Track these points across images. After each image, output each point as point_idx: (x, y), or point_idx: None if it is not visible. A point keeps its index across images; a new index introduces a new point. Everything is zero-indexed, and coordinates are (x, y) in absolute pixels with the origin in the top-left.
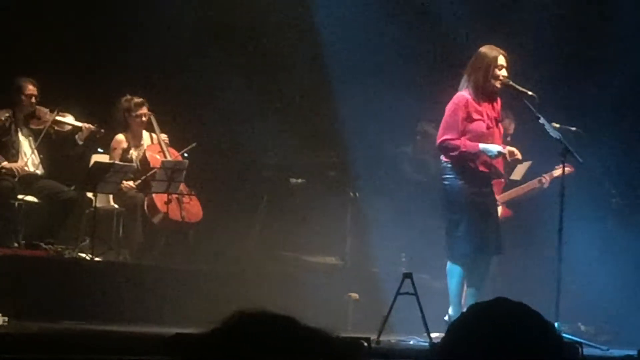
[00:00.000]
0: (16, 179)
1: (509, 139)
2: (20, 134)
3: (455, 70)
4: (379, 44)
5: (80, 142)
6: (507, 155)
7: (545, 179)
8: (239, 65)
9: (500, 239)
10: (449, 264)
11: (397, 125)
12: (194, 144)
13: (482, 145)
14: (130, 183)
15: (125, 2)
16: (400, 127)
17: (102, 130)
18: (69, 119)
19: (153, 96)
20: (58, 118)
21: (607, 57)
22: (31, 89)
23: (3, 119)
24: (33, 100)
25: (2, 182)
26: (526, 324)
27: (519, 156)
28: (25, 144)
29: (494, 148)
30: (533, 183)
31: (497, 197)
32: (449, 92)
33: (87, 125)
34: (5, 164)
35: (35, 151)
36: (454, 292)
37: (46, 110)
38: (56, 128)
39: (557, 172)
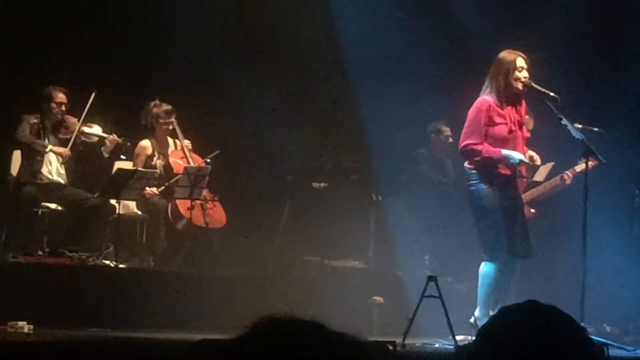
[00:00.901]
0: (61, 163)
1: (528, 135)
2: (47, 142)
3: (476, 72)
4: (400, 47)
5: (106, 155)
6: (528, 159)
7: (568, 175)
8: (261, 71)
9: (528, 242)
10: (483, 265)
11: (419, 128)
12: (217, 152)
13: (504, 152)
14: (154, 189)
15: (151, 10)
16: (422, 129)
17: (129, 144)
18: (96, 129)
19: (177, 102)
20: (85, 129)
21: (631, 57)
22: (61, 97)
23: (31, 122)
24: (63, 108)
25: (25, 190)
26: (559, 327)
27: (538, 162)
28: (52, 153)
29: (517, 156)
30: (555, 180)
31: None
32: (470, 93)
33: (112, 137)
34: (52, 147)
35: (61, 161)
36: (485, 295)
37: (74, 119)
38: (83, 138)
39: (579, 167)
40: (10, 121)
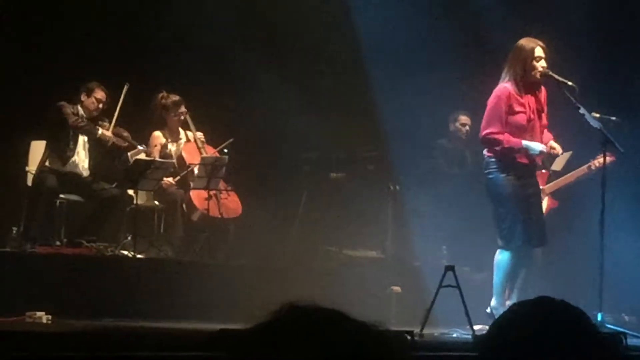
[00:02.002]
0: (110, 143)
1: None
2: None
3: (493, 63)
4: (416, 38)
5: (130, 162)
6: (547, 150)
7: (595, 165)
8: (278, 61)
9: (544, 230)
10: (498, 255)
11: (436, 118)
12: (231, 140)
13: (525, 143)
14: (170, 179)
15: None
16: (439, 119)
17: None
18: (127, 135)
19: (192, 92)
20: (117, 131)
21: None
22: (102, 95)
23: (69, 111)
24: (100, 106)
25: (46, 182)
26: (569, 321)
27: (559, 151)
28: (81, 144)
29: (537, 147)
30: (582, 169)
31: (543, 188)
32: (487, 84)
33: (141, 147)
34: (102, 131)
35: (87, 155)
36: (500, 284)
37: (107, 119)
38: (114, 141)
39: (601, 159)
40: (28, 114)
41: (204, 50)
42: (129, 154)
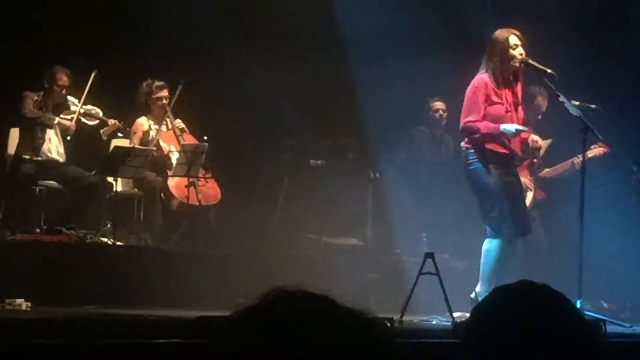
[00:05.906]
0: (65, 138)
1: (540, 117)
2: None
3: (474, 51)
4: (397, 26)
5: (105, 138)
6: (530, 142)
7: (577, 161)
8: (259, 49)
9: (528, 218)
10: (487, 242)
11: (416, 105)
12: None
13: (502, 126)
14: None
15: None
16: (419, 107)
17: (128, 129)
18: (98, 112)
19: (171, 80)
20: (86, 111)
21: (629, 34)
22: (64, 79)
23: (34, 99)
24: (64, 91)
25: (23, 168)
26: (550, 305)
27: (540, 144)
28: (52, 131)
29: (512, 127)
30: (567, 164)
31: (529, 178)
32: (467, 71)
33: (113, 121)
34: (59, 120)
35: (61, 140)
36: (488, 270)
37: (75, 100)
38: (83, 120)
39: (591, 153)
40: (7, 100)
41: (183, 38)
42: (101, 131)
